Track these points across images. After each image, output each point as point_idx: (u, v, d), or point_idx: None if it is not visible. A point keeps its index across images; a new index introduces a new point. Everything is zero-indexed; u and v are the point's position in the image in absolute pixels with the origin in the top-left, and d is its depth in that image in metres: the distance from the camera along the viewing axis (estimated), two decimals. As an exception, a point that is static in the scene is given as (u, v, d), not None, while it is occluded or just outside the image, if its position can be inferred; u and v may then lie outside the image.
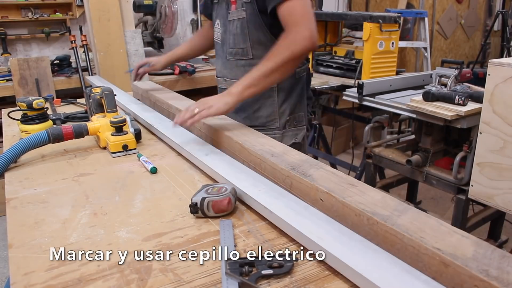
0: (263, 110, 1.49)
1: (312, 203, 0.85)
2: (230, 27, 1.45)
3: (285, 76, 1.29)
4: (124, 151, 1.23)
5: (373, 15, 2.61)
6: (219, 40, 1.53)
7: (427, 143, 2.04)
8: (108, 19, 3.01)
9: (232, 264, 0.68)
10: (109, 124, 1.25)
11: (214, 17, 1.55)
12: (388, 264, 0.65)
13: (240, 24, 1.41)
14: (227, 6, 1.45)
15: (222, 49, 1.52)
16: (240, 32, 1.42)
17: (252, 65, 1.34)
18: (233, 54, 1.47)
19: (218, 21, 1.52)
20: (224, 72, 1.54)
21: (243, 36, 1.42)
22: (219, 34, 1.52)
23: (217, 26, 1.53)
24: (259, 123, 1.50)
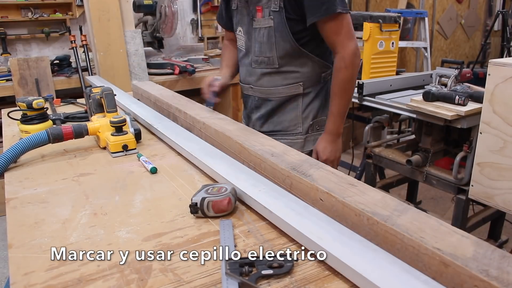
0: (287, 114, 1.50)
1: (312, 203, 0.85)
2: (255, 35, 1.44)
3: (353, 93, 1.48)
4: (124, 151, 1.23)
5: (373, 15, 2.61)
6: (243, 48, 1.53)
7: (427, 143, 2.04)
8: (108, 19, 3.01)
9: (232, 264, 0.68)
10: (109, 124, 1.24)
11: (235, 23, 1.54)
12: (388, 264, 0.65)
13: (267, 32, 1.40)
14: (251, 14, 1.44)
15: (246, 57, 1.52)
16: (266, 41, 1.42)
17: (278, 73, 1.45)
18: (259, 63, 1.47)
19: (241, 29, 1.51)
20: (249, 79, 1.54)
21: (270, 45, 1.42)
22: (242, 42, 1.52)
23: (239, 33, 1.52)
24: (281, 127, 1.52)
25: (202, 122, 1.30)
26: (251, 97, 1.56)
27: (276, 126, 1.53)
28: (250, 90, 1.55)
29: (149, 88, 1.83)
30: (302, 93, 1.48)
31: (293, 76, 1.46)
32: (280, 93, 1.48)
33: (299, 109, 1.50)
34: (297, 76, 1.46)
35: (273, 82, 1.47)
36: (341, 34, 1.35)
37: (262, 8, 1.40)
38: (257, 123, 1.57)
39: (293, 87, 1.47)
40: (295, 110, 1.50)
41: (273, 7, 1.37)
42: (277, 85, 1.47)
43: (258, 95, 1.52)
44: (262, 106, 1.53)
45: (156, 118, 1.51)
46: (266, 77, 1.48)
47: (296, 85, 1.46)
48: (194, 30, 4.53)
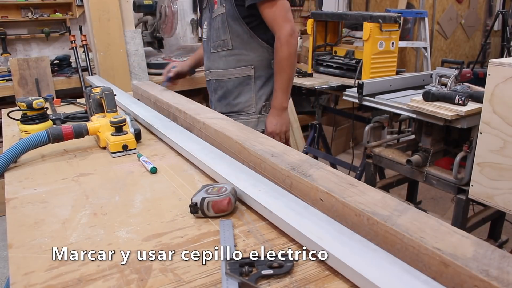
0: (241, 96, 1.71)
1: (312, 203, 0.85)
2: (213, 23, 1.68)
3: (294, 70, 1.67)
4: (124, 151, 1.23)
5: (373, 15, 2.61)
6: (205, 37, 1.76)
7: (427, 143, 2.04)
8: (108, 19, 3.00)
9: (232, 264, 0.68)
10: (109, 124, 1.25)
11: (202, 21, 1.78)
12: (388, 264, 0.65)
13: (221, 18, 1.64)
14: (211, 7, 1.68)
15: (207, 45, 1.74)
16: (221, 25, 1.65)
17: (232, 55, 1.67)
18: (216, 47, 1.69)
19: (206, 23, 1.75)
20: (209, 64, 1.76)
21: (224, 29, 1.65)
22: (205, 33, 1.75)
23: (204, 28, 1.76)
24: (238, 109, 1.72)
25: (202, 122, 1.30)
26: (210, 81, 1.78)
27: (233, 108, 1.73)
28: (210, 74, 1.76)
29: (149, 88, 1.83)
30: (254, 76, 1.69)
31: (244, 59, 1.67)
32: (233, 74, 1.70)
33: (252, 92, 1.70)
34: (248, 60, 1.67)
35: (227, 64, 1.69)
36: (278, 17, 1.57)
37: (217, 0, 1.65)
38: (217, 105, 1.77)
39: (245, 69, 1.68)
40: (249, 92, 1.70)
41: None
42: (230, 66, 1.69)
43: (215, 78, 1.74)
44: (218, 88, 1.75)
45: (156, 118, 1.51)
46: (222, 60, 1.69)
47: (248, 67, 1.68)
48: (194, 30, 4.53)
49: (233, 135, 1.15)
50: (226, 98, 1.73)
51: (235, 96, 1.71)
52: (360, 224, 0.74)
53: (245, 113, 1.72)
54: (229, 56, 1.68)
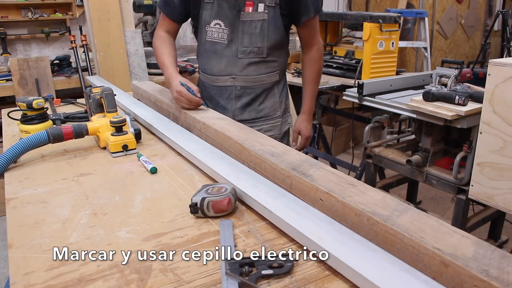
0: (266, 102, 1.67)
1: (312, 203, 0.85)
2: (244, 27, 1.54)
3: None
4: (124, 151, 1.23)
5: (373, 15, 2.61)
6: (223, 39, 1.57)
7: (427, 143, 2.04)
8: (108, 19, 3.00)
9: (232, 264, 0.68)
10: (109, 124, 1.24)
11: (206, 16, 1.58)
12: (388, 264, 0.65)
13: (261, 25, 1.53)
14: (237, 7, 1.53)
15: (228, 48, 1.57)
16: (259, 32, 1.54)
17: (264, 62, 1.60)
18: (247, 53, 1.57)
19: (219, 22, 1.56)
20: (231, 70, 1.60)
21: (262, 36, 1.55)
22: (223, 34, 1.57)
23: (216, 27, 1.57)
24: (263, 114, 1.68)
25: (202, 122, 1.30)
26: (229, 88, 1.63)
27: (258, 114, 1.67)
28: (231, 80, 1.62)
29: (149, 88, 1.83)
30: (278, 80, 1.68)
31: (273, 65, 1.64)
32: (263, 81, 1.63)
33: (276, 96, 1.69)
34: (276, 65, 1.65)
35: (258, 71, 1.61)
36: (317, 31, 1.68)
37: (254, 3, 1.52)
38: (238, 113, 1.65)
39: (273, 75, 1.65)
40: (273, 96, 1.68)
41: (269, 2, 1.52)
42: (261, 73, 1.62)
43: (241, 84, 1.62)
44: (243, 95, 1.63)
45: (156, 118, 1.51)
46: (252, 66, 1.59)
47: (275, 73, 1.66)
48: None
49: (233, 135, 1.15)
50: (251, 105, 1.65)
51: (261, 102, 1.66)
52: (360, 224, 0.74)
53: (271, 117, 1.70)
54: (260, 63, 1.60)
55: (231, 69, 1.60)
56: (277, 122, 1.71)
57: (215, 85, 1.65)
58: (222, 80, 1.62)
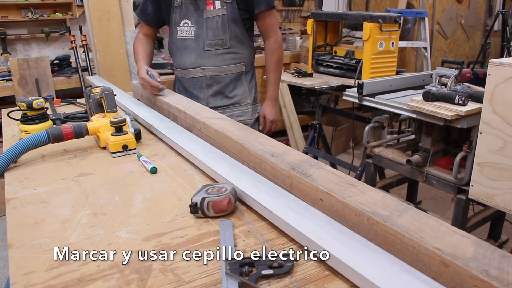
0: (236, 90, 1.91)
1: (312, 203, 0.85)
2: (207, 23, 1.78)
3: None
4: (124, 151, 1.23)
5: (373, 15, 2.61)
6: (191, 36, 1.82)
7: (427, 143, 2.04)
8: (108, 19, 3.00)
9: (232, 264, 0.68)
10: (109, 124, 1.25)
11: (176, 18, 1.83)
12: (388, 264, 0.65)
13: (221, 19, 1.78)
14: (199, 7, 1.78)
15: (196, 43, 1.81)
16: (221, 26, 1.78)
17: (229, 53, 1.84)
18: (212, 45, 1.81)
19: (187, 21, 1.82)
20: (200, 62, 1.83)
21: (224, 29, 1.79)
22: (189, 31, 1.82)
23: (185, 25, 1.82)
24: (234, 101, 1.92)
25: (202, 122, 1.30)
26: (200, 78, 1.86)
27: (229, 101, 1.91)
28: (201, 71, 1.85)
29: (149, 88, 1.83)
30: (245, 71, 1.91)
31: (239, 57, 1.87)
32: (230, 70, 1.87)
33: (245, 85, 1.92)
34: (241, 57, 1.88)
35: (224, 62, 1.84)
36: (274, 24, 1.89)
37: (213, 1, 1.78)
38: (211, 100, 1.88)
39: (239, 66, 1.88)
40: (242, 85, 1.92)
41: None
42: (227, 63, 1.85)
43: (210, 74, 1.85)
44: (213, 84, 1.87)
45: (156, 118, 1.51)
46: (219, 57, 1.83)
47: (241, 64, 1.88)
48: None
49: (233, 135, 1.15)
50: (222, 93, 1.89)
51: (231, 90, 1.89)
52: (360, 224, 0.74)
53: (241, 104, 1.94)
54: (226, 54, 1.83)
55: (200, 61, 1.83)
56: (248, 109, 1.95)
57: (188, 78, 1.88)
58: (194, 72, 1.86)
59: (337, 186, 0.83)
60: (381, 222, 0.70)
